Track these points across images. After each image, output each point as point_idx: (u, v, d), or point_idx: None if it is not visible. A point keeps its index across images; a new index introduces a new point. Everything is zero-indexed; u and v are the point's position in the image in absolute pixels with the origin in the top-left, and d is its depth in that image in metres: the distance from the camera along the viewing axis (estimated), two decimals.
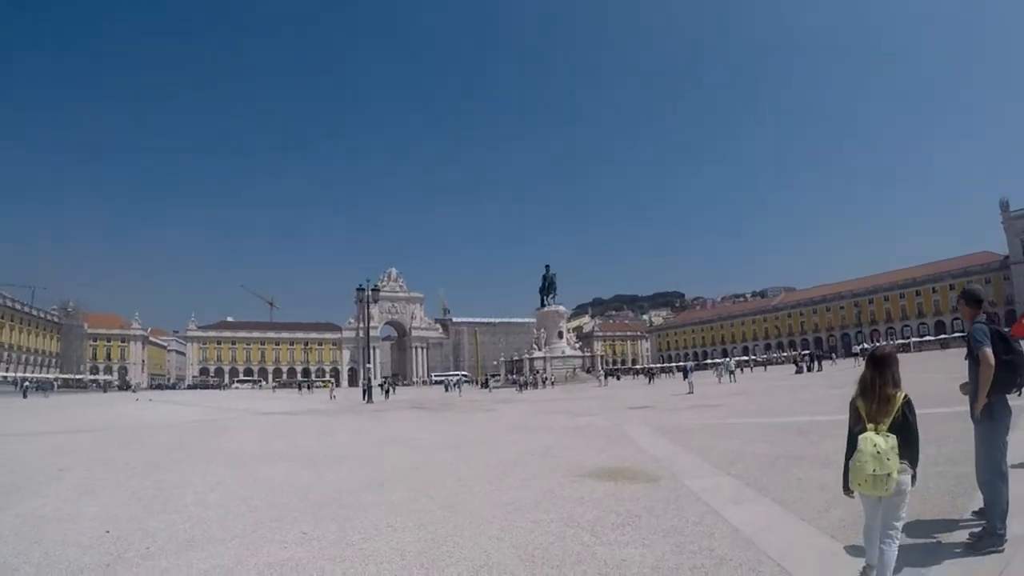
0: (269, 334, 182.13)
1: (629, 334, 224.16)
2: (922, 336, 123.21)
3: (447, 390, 78.35)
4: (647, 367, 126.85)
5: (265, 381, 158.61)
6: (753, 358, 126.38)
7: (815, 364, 63.92)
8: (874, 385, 4.75)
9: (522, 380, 71.30)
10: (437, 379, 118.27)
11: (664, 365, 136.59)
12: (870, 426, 4.62)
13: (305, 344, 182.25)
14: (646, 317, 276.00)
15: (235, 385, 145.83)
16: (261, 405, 46.10)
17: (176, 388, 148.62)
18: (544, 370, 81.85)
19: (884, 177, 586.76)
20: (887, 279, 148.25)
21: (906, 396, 4.72)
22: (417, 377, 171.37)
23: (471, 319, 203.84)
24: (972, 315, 6.19)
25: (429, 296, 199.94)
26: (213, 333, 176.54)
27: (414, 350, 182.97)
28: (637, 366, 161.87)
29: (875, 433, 4.54)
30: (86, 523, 7.88)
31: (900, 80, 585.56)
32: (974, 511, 6.42)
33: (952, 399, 6.65)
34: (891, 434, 4.52)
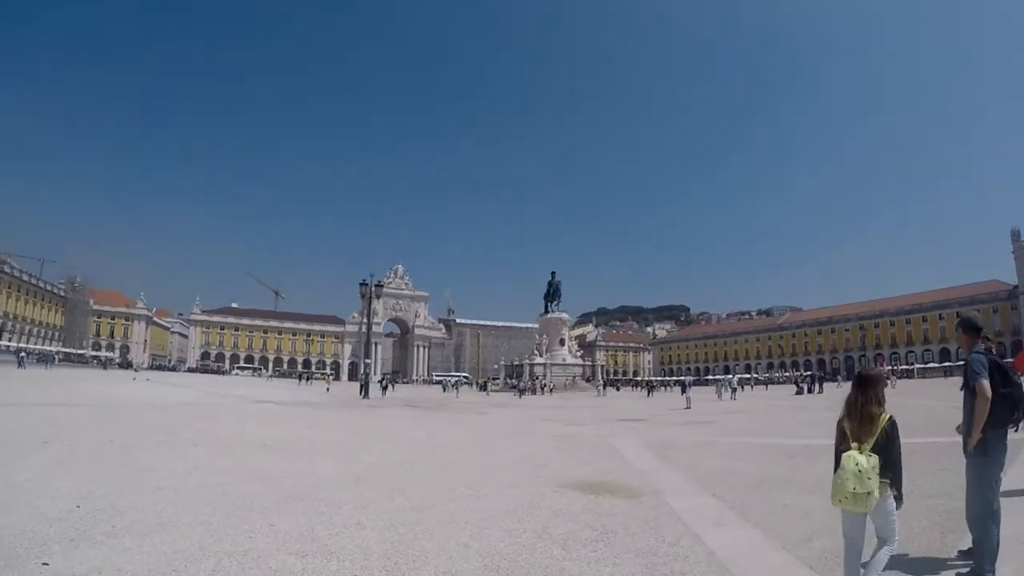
0: (272, 323, 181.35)
1: (632, 345, 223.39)
2: (926, 363, 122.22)
3: (445, 390, 78.14)
4: (647, 380, 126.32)
5: (265, 369, 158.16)
6: (755, 376, 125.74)
7: (816, 385, 63.24)
8: (858, 404, 4.84)
9: (522, 385, 71.06)
10: (437, 379, 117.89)
11: (664, 379, 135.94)
12: (853, 445, 4.68)
13: (307, 335, 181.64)
14: (650, 329, 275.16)
15: (235, 371, 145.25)
16: (256, 393, 46.05)
17: (176, 370, 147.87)
18: (544, 376, 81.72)
19: (895, 202, 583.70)
20: (894, 304, 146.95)
21: (890, 417, 4.78)
22: (417, 376, 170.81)
23: (474, 321, 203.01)
24: (970, 344, 5.89)
25: (434, 295, 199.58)
26: (217, 318, 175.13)
27: (416, 348, 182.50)
28: (638, 378, 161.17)
29: (858, 452, 4.60)
30: (59, 496, 7.83)
31: (913, 107, 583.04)
32: (961, 550, 6.09)
33: (952, 427, 6.27)
34: (873, 454, 4.58)
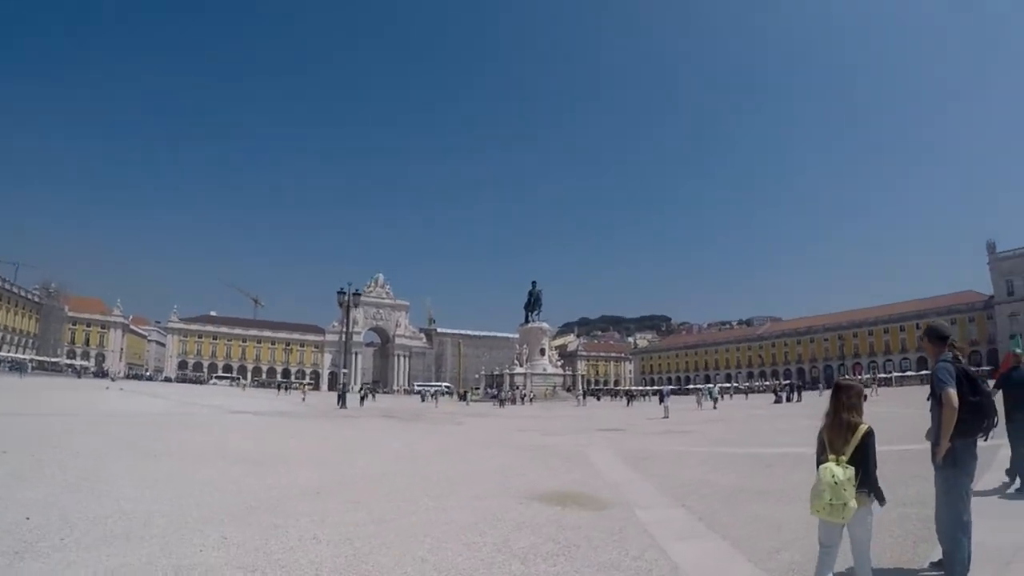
0: (251, 332, 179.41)
1: (613, 355, 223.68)
2: (904, 371, 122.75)
3: (423, 400, 77.58)
4: (627, 389, 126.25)
5: (244, 379, 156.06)
6: (735, 385, 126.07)
7: (795, 394, 63.27)
8: (835, 414, 4.87)
9: (502, 395, 70.71)
10: (420, 388, 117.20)
11: (644, 388, 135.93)
12: (831, 456, 4.69)
13: (287, 344, 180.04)
14: (631, 339, 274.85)
15: (213, 381, 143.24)
16: (232, 403, 45.21)
17: (153, 379, 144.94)
18: (524, 386, 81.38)
19: (874, 214, 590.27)
20: (872, 314, 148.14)
21: (868, 428, 4.79)
22: (398, 385, 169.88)
23: (456, 330, 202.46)
24: (937, 352, 5.74)
25: (415, 305, 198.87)
26: (195, 326, 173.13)
27: (396, 358, 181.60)
28: (619, 387, 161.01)
29: (835, 463, 4.62)
30: (10, 508, 7.63)
31: (892, 119, 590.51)
32: (933, 562, 5.87)
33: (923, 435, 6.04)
34: (850, 465, 4.60)
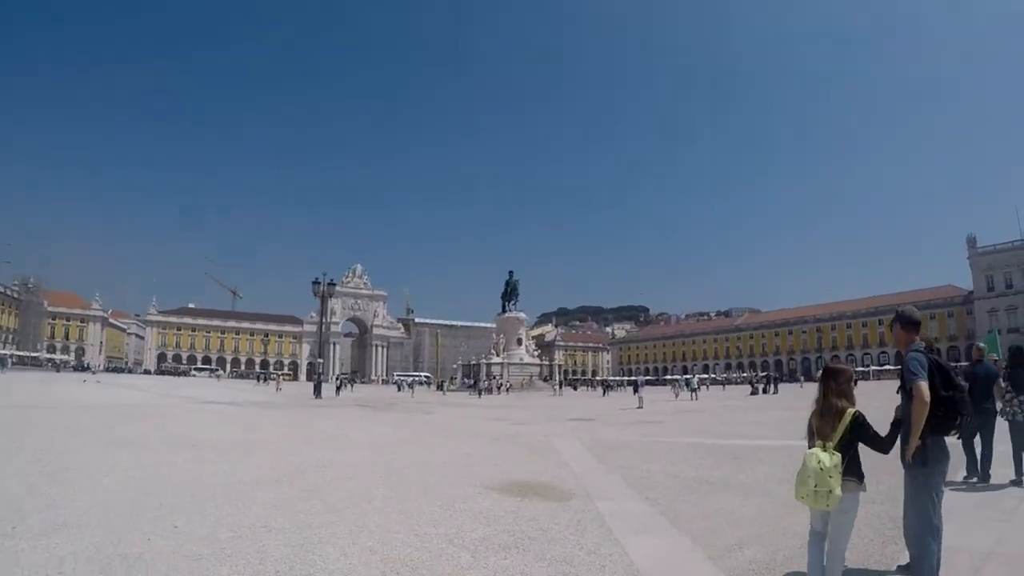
0: (230, 323, 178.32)
1: (591, 345, 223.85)
2: (882, 365, 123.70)
3: (399, 390, 77.35)
4: (603, 379, 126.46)
5: (223, 370, 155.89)
6: (713, 376, 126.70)
7: (772, 386, 63.50)
8: (826, 400, 4.77)
9: (481, 385, 70.50)
10: (398, 378, 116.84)
11: (620, 378, 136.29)
12: (818, 443, 4.64)
13: (265, 335, 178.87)
14: (609, 329, 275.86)
15: (193, 373, 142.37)
16: (207, 394, 44.81)
17: (133, 372, 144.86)
18: (501, 376, 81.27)
19: (855, 207, 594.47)
20: (851, 307, 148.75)
21: (855, 413, 4.66)
22: (376, 375, 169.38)
23: (434, 320, 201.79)
24: (907, 341, 5.25)
25: (393, 295, 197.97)
26: (174, 319, 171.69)
27: (374, 348, 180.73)
28: (597, 378, 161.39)
29: (821, 449, 4.55)
30: None
31: (872, 110, 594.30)
32: (900, 565, 5.59)
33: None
34: (837, 452, 4.52)
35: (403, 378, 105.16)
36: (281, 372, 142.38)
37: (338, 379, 76.55)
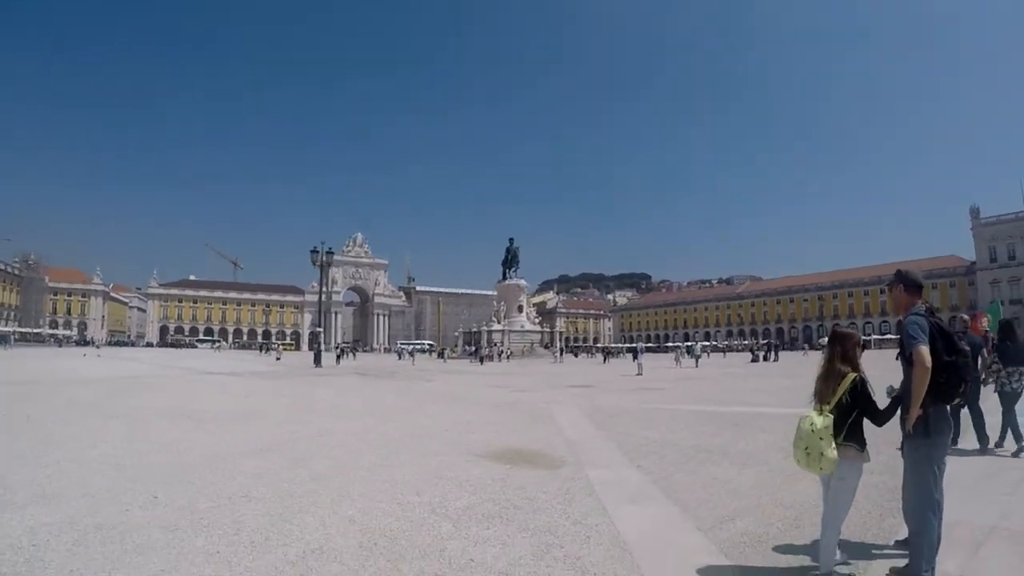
0: (231, 294, 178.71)
1: (592, 312, 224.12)
2: (884, 334, 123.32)
3: (400, 358, 77.25)
4: (604, 347, 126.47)
5: (225, 341, 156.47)
6: (714, 344, 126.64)
7: (772, 354, 63.36)
8: (831, 364, 4.68)
9: (483, 352, 70.34)
10: (401, 347, 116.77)
11: (620, 345, 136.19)
12: (815, 405, 4.60)
13: (267, 306, 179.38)
14: (611, 296, 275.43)
15: (198, 344, 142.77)
16: (207, 365, 44.80)
17: (135, 345, 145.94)
18: (502, 343, 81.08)
19: (858, 176, 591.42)
20: (852, 275, 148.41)
21: (854, 378, 4.53)
22: (379, 344, 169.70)
23: (435, 288, 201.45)
24: (908, 304, 4.89)
25: (395, 263, 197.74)
26: (175, 291, 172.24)
27: (376, 317, 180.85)
28: (598, 345, 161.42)
29: (816, 412, 4.51)
30: None
31: (877, 79, 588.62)
32: (898, 540, 5.29)
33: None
34: (831, 415, 4.44)
35: (404, 346, 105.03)
36: (282, 342, 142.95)
37: (338, 348, 76.54)
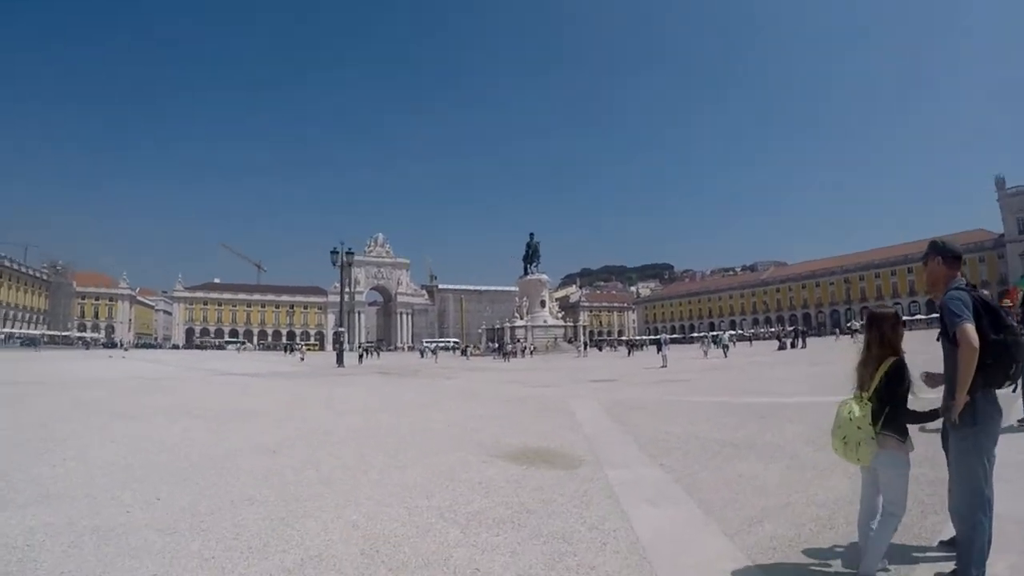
0: (255, 296, 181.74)
1: (616, 305, 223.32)
2: (913, 315, 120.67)
3: (423, 356, 77.35)
4: (627, 339, 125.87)
5: (251, 343, 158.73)
6: (740, 332, 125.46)
7: (799, 340, 62.34)
8: (869, 349, 4.34)
9: (508, 348, 70.16)
10: (427, 345, 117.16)
11: (644, 338, 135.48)
12: (855, 392, 4.35)
13: (291, 307, 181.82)
14: (634, 288, 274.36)
15: (227, 346, 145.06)
16: (230, 366, 45.05)
17: (161, 348, 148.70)
18: (525, 339, 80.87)
19: (880, 152, 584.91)
20: (879, 255, 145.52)
21: (893, 362, 4.18)
22: (402, 343, 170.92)
23: (457, 286, 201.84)
24: (948, 277, 4.38)
25: (416, 262, 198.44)
26: (200, 294, 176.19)
27: (399, 316, 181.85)
28: (623, 338, 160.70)
29: (855, 400, 4.27)
30: None
31: (897, 55, 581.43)
32: (943, 541, 4.80)
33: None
34: (870, 402, 4.17)
35: (428, 345, 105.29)
36: (306, 343, 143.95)
37: (360, 348, 76.71)
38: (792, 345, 60.32)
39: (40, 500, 6.41)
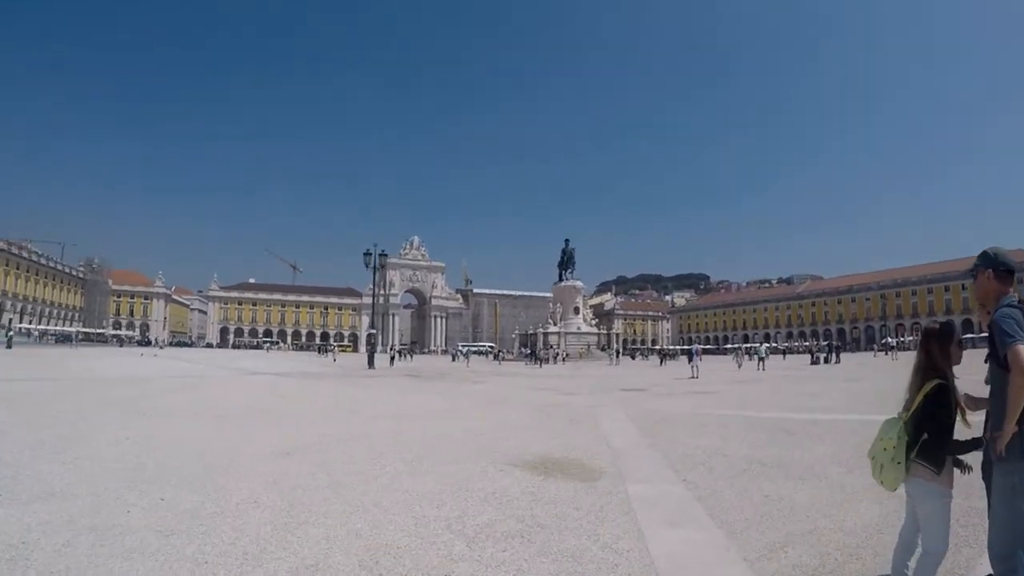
0: (290, 296, 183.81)
1: (651, 314, 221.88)
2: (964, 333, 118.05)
3: (454, 360, 77.42)
4: (660, 348, 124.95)
5: (284, 343, 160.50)
6: (774, 345, 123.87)
7: (833, 355, 61.10)
8: (916, 368, 4.03)
9: (542, 354, 69.91)
10: (462, 348, 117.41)
11: (676, 347, 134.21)
12: (902, 413, 4.00)
13: (325, 308, 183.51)
14: (669, 298, 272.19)
15: (263, 345, 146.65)
16: (259, 365, 45.46)
17: (195, 346, 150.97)
18: (558, 345, 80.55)
19: (923, 169, 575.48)
20: (916, 272, 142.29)
21: (937, 384, 3.82)
22: (436, 346, 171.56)
23: (492, 291, 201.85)
24: (998, 293, 3.91)
25: (451, 266, 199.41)
26: (235, 294, 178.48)
27: (433, 319, 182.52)
28: (656, 347, 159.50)
29: (897, 419, 3.99)
30: None
31: (942, 74, 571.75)
32: None
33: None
34: (907, 425, 3.90)
35: (461, 348, 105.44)
36: (339, 344, 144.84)
37: (393, 350, 77.06)
38: (825, 360, 59.16)
39: (43, 497, 6.36)
